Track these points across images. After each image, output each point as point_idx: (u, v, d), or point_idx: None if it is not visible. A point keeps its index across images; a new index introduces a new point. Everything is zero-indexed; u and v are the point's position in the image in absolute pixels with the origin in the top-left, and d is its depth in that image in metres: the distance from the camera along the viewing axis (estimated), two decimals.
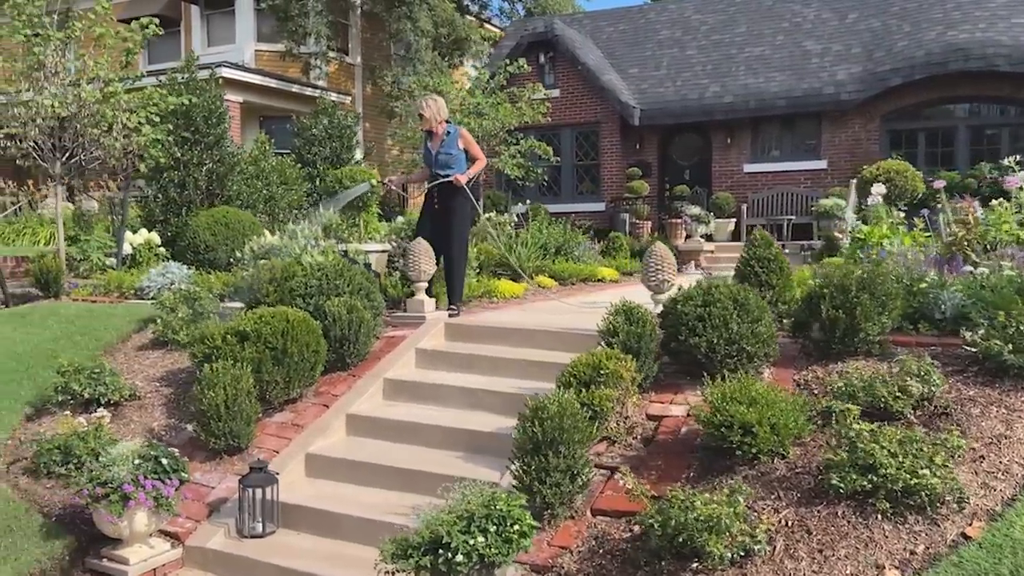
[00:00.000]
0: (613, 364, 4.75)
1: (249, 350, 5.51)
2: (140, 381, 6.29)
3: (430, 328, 6.71)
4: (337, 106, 15.33)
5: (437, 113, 7.37)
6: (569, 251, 11.16)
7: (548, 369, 5.86)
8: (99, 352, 7.17)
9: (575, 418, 4.18)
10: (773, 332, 5.20)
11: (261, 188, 12.73)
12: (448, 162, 7.32)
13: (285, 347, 5.57)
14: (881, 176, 10.02)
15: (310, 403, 5.84)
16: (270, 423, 5.62)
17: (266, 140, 13.76)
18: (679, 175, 17.88)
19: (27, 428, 5.81)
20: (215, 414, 5.17)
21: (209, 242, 9.52)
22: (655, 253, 5.98)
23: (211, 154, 12.06)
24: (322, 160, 14.41)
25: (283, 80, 19.06)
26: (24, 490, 5.01)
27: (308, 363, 5.72)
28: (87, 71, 9.34)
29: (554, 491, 4.11)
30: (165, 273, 8.95)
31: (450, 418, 5.49)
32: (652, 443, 4.74)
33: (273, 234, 10.08)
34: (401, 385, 5.99)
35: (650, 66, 18.32)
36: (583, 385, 4.70)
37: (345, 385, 6.03)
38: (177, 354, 6.84)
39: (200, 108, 11.82)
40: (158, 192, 11.93)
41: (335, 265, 6.59)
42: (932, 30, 15.73)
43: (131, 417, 5.79)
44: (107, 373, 5.90)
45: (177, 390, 6.13)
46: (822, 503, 3.84)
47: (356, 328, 6.11)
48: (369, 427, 5.59)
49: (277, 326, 5.60)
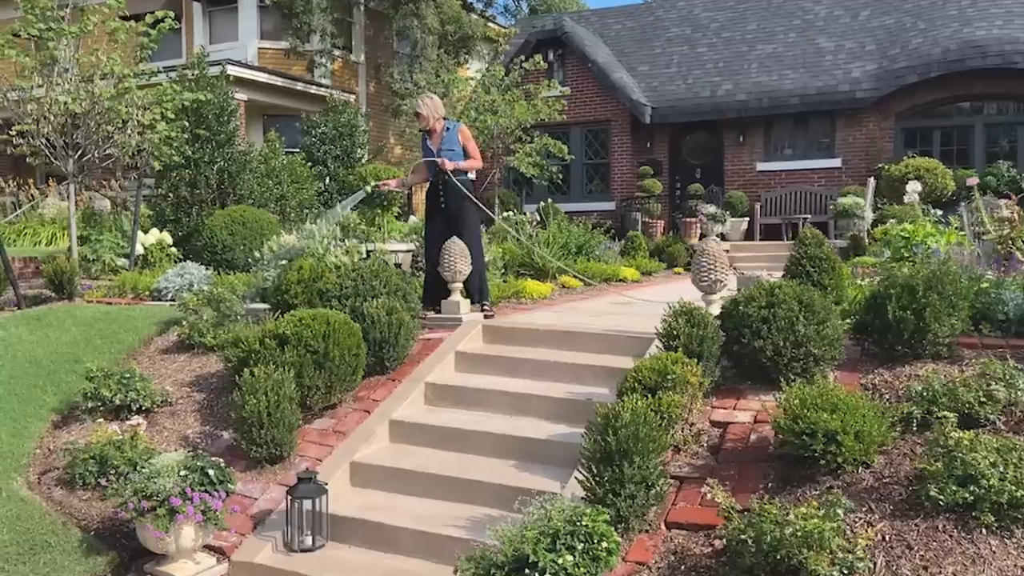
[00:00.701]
0: (680, 369, 4.54)
1: (289, 354, 5.28)
2: (170, 386, 6.05)
3: (468, 330, 6.49)
4: (348, 104, 15.09)
5: (434, 111, 7.17)
6: (590, 251, 10.96)
7: (597, 373, 5.66)
8: (122, 356, 6.93)
9: (650, 426, 3.97)
10: (840, 334, 4.99)
11: (272, 187, 12.50)
12: (451, 159, 7.11)
13: (327, 351, 5.34)
14: (911, 174, 9.84)
15: (350, 409, 5.62)
16: (310, 430, 5.39)
17: (276, 138, 13.51)
18: (690, 174, 17.69)
19: (55, 436, 5.56)
20: (257, 422, 4.94)
21: (227, 242, 9.27)
22: (707, 252, 5.77)
23: (222, 152, 11.83)
24: (332, 159, 14.17)
25: (288, 78, 18.78)
26: (59, 503, 4.77)
27: (350, 367, 5.49)
28: (101, 67, 9.07)
29: (628, 503, 3.90)
30: (183, 274, 8.70)
31: (499, 424, 5.27)
32: (720, 451, 4.53)
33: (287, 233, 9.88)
34: (443, 390, 5.77)
35: (660, 64, 18.13)
36: (648, 391, 4.48)
37: (385, 390, 5.80)
38: (204, 357, 6.60)
39: (211, 105, 11.58)
40: (169, 191, 11.68)
41: (371, 265, 6.36)
42: (947, 27, 15.58)
43: (164, 424, 5.55)
44: (137, 378, 5.66)
45: (209, 395, 5.89)
46: (919, 516, 3.63)
47: (396, 331, 5.89)
48: (414, 434, 5.36)
49: (318, 329, 5.37)
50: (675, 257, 13.64)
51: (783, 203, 16.34)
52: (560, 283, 9.54)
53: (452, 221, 7.14)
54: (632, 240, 12.54)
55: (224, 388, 5.97)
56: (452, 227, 7.14)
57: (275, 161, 12.94)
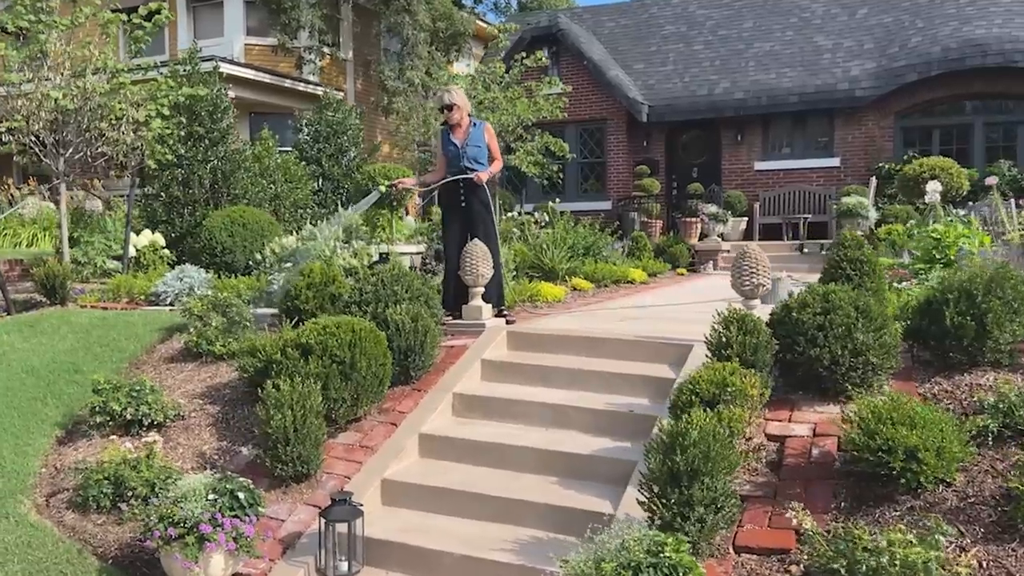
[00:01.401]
0: (739, 380, 4.28)
1: (314, 364, 4.96)
2: (180, 398, 5.70)
3: (492, 337, 6.20)
4: (341, 101, 14.72)
5: (465, 104, 6.90)
6: (597, 252, 10.70)
7: (634, 382, 5.40)
8: (124, 365, 6.57)
9: (720, 444, 3.70)
10: (897, 341, 4.76)
11: (266, 186, 12.13)
12: (477, 156, 6.86)
13: (353, 361, 5.03)
14: (926, 173, 9.69)
15: (376, 421, 5.31)
16: (335, 445, 5.08)
17: (269, 136, 13.13)
18: (687, 173, 17.49)
19: (61, 453, 5.21)
20: (282, 438, 4.62)
21: (226, 244, 8.91)
22: (749, 255, 5.52)
23: (215, 151, 11.45)
24: (327, 157, 13.81)
25: (275, 75, 18.34)
26: (72, 528, 4.42)
27: (377, 378, 5.18)
28: (93, 61, 8.67)
29: (697, 528, 3.63)
30: (182, 277, 8.34)
31: (537, 438, 4.99)
32: (781, 467, 4.28)
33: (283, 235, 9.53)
34: (473, 401, 5.48)
35: (656, 62, 17.92)
36: (707, 404, 4.22)
37: (411, 401, 5.50)
38: (213, 367, 6.26)
39: (205, 102, 11.20)
40: (160, 190, 11.29)
41: (390, 269, 6.05)
42: (946, 26, 15.49)
43: (178, 440, 5.21)
44: (148, 390, 5.31)
45: (224, 408, 5.56)
46: (1014, 540, 3.40)
47: (422, 338, 5.59)
48: (446, 449, 5.07)
49: (344, 337, 5.06)
50: (677, 257, 13.43)
51: (782, 203, 16.19)
52: (571, 285, 9.27)
53: (471, 222, 6.87)
54: (637, 240, 12.30)
55: (239, 400, 5.64)
56: (471, 228, 6.87)
57: (269, 160, 12.57)
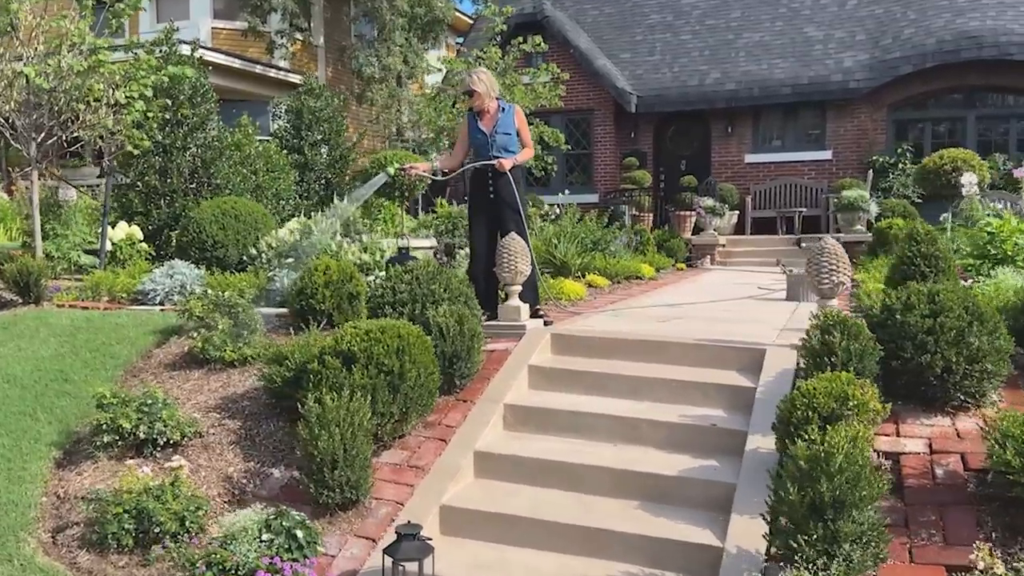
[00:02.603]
0: (859, 392, 3.79)
1: (358, 375, 4.36)
2: (193, 412, 5.05)
3: (535, 340, 5.65)
4: (325, 87, 13.98)
5: (491, 88, 6.33)
6: (604, 246, 10.20)
7: (706, 391, 4.89)
8: (119, 373, 5.88)
9: (867, 469, 3.21)
10: (1011, 346, 4.33)
11: (248, 175, 11.39)
12: (507, 144, 6.31)
13: (402, 370, 4.44)
14: (948, 165, 9.38)
15: (423, 437, 4.73)
16: (381, 465, 4.49)
17: (249, 123, 12.37)
18: (675, 166, 17.10)
19: (63, 479, 4.53)
20: (329, 461, 4.02)
21: (218, 237, 8.20)
22: (828, 250, 5.05)
23: (195, 137, 10.69)
24: (309, 145, 13.07)
25: (246, 60, 17.49)
26: (88, 571, 3.76)
27: (426, 389, 4.60)
28: (70, 36, 7.89)
29: (845, 567, 3.14)
30: (172, 274, 7.62)
31: (608, 456, 4.46)
32: (903, 490, 3.81)
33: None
34: (527, 413, 4.92)
35: (643, 51, 17.47)
36: (824, 420, 3.73)
37: (458, 413, 4.93)
38: (223, 375, 5.61)
39: (185, 85, 10.43)
40: (136, 180, 10.49)
41: (426, 267, 5.45)
42: (939, 17, 15.29)
43: (198, 462, 4.56)
44: (161, 404, 4.66)
45: (245, 423, 4.92)
46: None
47: (468, 343, 5.02)
48: (506, 468, 4.51)
49: (391, 344, 4.47)
50: (674, 252, 13.01)
51: (774, 196, 15.89)
52: (586, 282, 8.76)
53: (500, 215, 6.31)
54: (640, 235, 11.84)
55: (261, 413, 5.01)
56: (501, 221, 6.32)
57: (249, 148, 11.82)
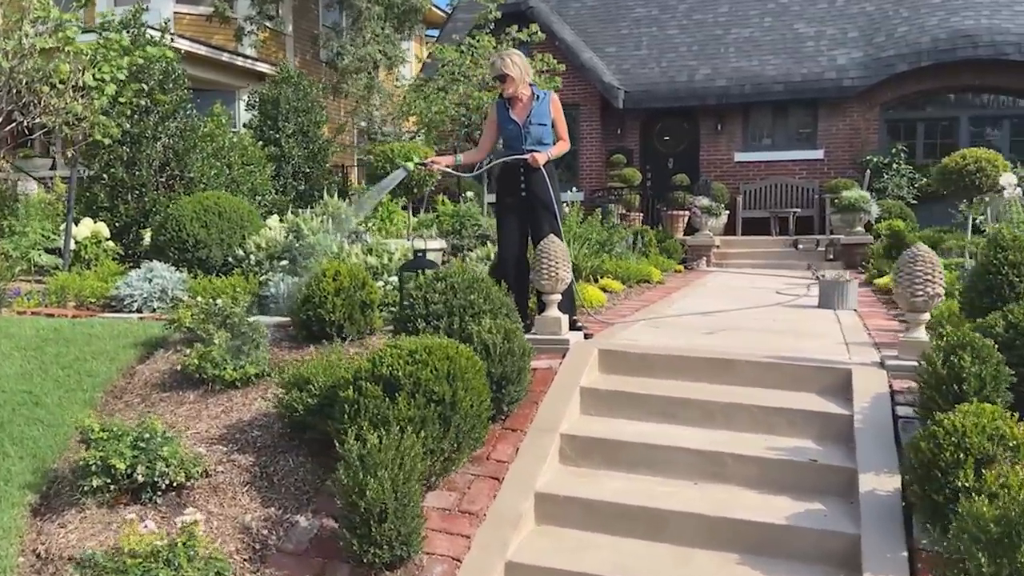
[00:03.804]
0: (1015, 429, 3.21)
1: (404, 405, 3.66)
2: (195, 444, 4.29)
3: (582, 357, 4.99)
4: (304, 74, 13.13)
5: (525, 73, 5.66)
6: (611, 247, 9.59)
7: (792, 418, 4.29)
8: (99, 394, 5.09)
9: None
10: None
11: (222, 168, 10.55)
12: (542, 137, 5.65)
13: (455, 399, 3.75)
14: (971, 165, 8.97)
15: (471, 475, 4.04)
16: (429, 510, 3.78)
17: (223, 111, 11.50)
18: (662, 164, 16.58)
19: (43, 532, 3.73)
20: (378, 513, 3.32)
21: (200, 236, 7.38)
22: (922, 257, 4.47)
23: (166, 127, 9.82)
24: (287, 137, 12.24)
25: (212, 48, 16.51)
26: None
27: (480, 420, 3.92)
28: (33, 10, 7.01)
29: None
30: (151, 278, 6.81)
31: (694, 499, 3.82)
32: None
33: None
34: (589, 445, 4.27)
35: (629, 45, 16.90)
36: (978, 463, 3.14)
37: (508, 445, 4.25)
38: (224, 396, 4.85)
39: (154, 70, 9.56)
40: (101, 172, 9.59)
41: (461, 274, 4.76)
42: (933, 16, 14.98)
43: (208, 507, 3.81)
44: (159, 438, 3.90)
45: (259, 458, 4.18)
46: None
47: (519, 363, 4.35)
48: (574, 514, 3.85)
49: (440, 367, 3.77)
50: (671, 253, 12.45)
51: (765, 196, 15.45)
52: (600, 286, 8.13)
53: (534, 215, 5.65)
54: (642, 235, 11.25)
55: (275, 446, 4.28)
56: (534, 223, 5.66)
57: (223, 139, 10.96)
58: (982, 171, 9.01)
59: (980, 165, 9.03)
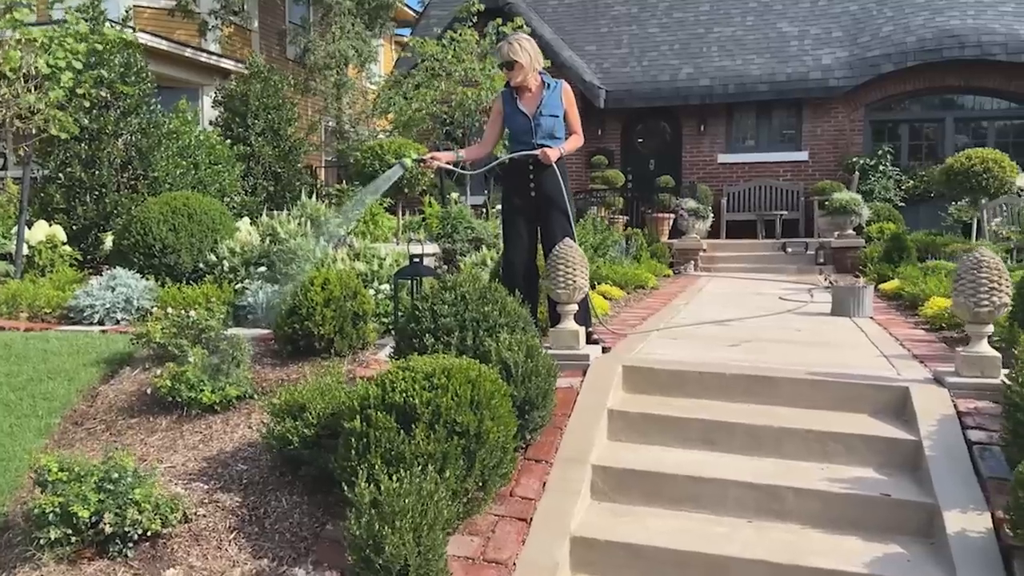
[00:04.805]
0: None
1: (422, 437, 3.11)
2: (171, 482, 3.71)
3: (604, 375, 4.48)
4: (275, 70, 12.47)
5: (535, 60, 5.16)
6: (604, 251, 9.12)
7: (852, 444, 3.83)
8: (56, 421, 4.48)
9: None
10: None
11: (188, 168, 9.90)
12: (554, 130, 5.16)
13: (480, 430, 3.22)
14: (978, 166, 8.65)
15: (494, 515, 3.50)
16: (449, 559, 3.23)
17: (187, 107, 10.84)
18: (643, 165, 16.17)
19: None
20: (399, 571, 2.78)
21: (167, 240, 6.74)
22: (987, 264, 4.03)
23: (128, 122, 9.15)
24: (256, 135, 11.58)
25: (175, 43, 15.76)
26: None
27: (507, 452, 3.40)
28: None
29: None
30: (114, 286, 6.18)
31: (754, 542, 3.33)
32: None
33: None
34: (626, 478, 3.75)
35: (609, 44, 16.48)
36: None
37: (533, 478, 3.72)
38: (201, 423, 4.27)
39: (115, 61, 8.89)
40: (57, 171, 8.89)
41: (473, 282, 4.22)
42: (917, 16, 14.77)
43: (189, 560, 3.23)
44: (131, 478, 3.31)
45: (246, 497, 3.60)
46: None
47: (544, 384, 3.83)
48: (619, 561, 3.34)
49: (463, 393, 3.24)
50: (659, 256, 12.02)
51: (750, 198, 15.12)
52: (599, 292, 7.64)
53: (545, 216, 5.14)
54: (633, 239, 10.80)
55: (264, 482, 3.71)
56: (545, 225, 5.16)
57: (189, 136, 10.30)
58: (989, 172, 8.70)
59: (987, 166, 8.73)
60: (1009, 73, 14.04)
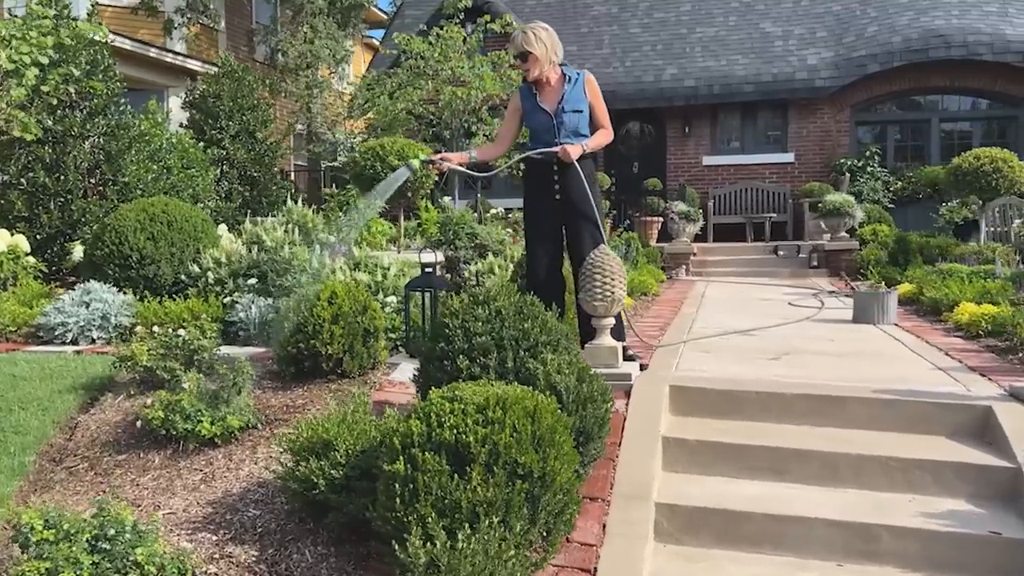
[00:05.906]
0: None
1: (478, 482, 2.65)
2: (175, 534, 3.19)
3: (650, 396, 4.06)
4: (249, 69, 11.88)
5: (553, 51, 4.71)
6: None
7: (938, 473, 3.45)
8: (30, 459, 3.94)
9: None
10: None
11: (160, 172, 9.31)
12: (578, 126, 4.73)
13: (544, 470, 2.77)
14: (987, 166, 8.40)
15: (553, 566, 3.03)
16: None
17: (157, 108, 10.24)
18: (626, 168, 15.83)
19: None
20: None
21: (146, 250, 6.18)
22: None
23: (96, 124, 8.54)
24: (230, 138, 11.00)
25: (139, 43, 15.07)
26: None
27: (571, 496, 2.94)
28: None
29: None
30: (88, 301, 5.62)
31: None
32: None
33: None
34: (691, 516, 3.32)
35: (590, 44, 16.14)
36: None
37: (592, 520, 3.27)
38: (200, 459, 3.76)
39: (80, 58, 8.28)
40: (18, 176, 8.25)
41: (508, 296, 3.76)
42: (902, 16, 14.63)
43: None
44: (128, 534, 2.80)
45: (263, 551, 3.10)
46: None
47: (600, 413, 3.38)
48: None
49: (522, 428, 2.78)
50: (653, 261, 11.67)
51: (736, 200, 14.86)
52: None
53: (571, 222, 4.71)
54: (631, 243, 10.42)
55: (282, 531, 3.21)
56: (571, 232, 4.73)
57: (160, 139, 9.71)
58: (999, 171, 8.46)
59: (996, 166, 8.49)
60: (994, 73, 13.96)
